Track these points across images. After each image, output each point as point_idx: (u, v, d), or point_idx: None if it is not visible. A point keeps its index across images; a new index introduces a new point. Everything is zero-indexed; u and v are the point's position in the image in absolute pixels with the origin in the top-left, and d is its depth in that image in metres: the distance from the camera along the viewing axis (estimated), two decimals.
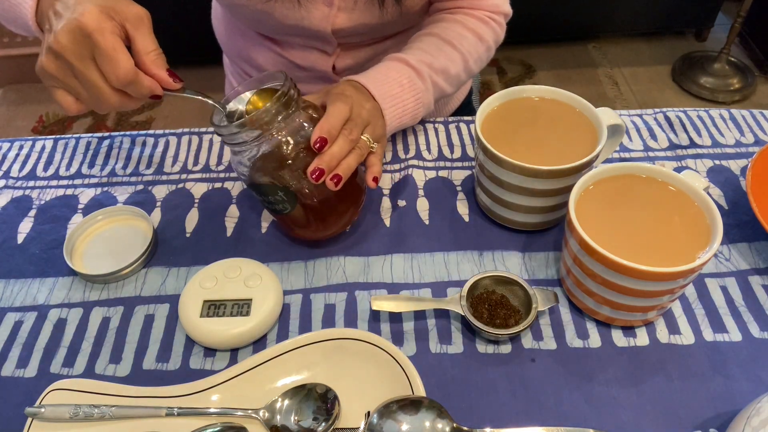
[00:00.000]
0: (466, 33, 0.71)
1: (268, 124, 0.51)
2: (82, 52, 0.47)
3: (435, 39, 0.70)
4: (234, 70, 0.88)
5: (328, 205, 0.56)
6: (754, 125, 0.74)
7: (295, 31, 0.73)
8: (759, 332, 0.54)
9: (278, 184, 0.53)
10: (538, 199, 0.57)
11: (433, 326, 0.55)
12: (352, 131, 0.56)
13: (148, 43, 0.49)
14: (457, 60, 0.70)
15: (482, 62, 0.74)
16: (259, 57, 0.80)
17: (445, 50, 0.69)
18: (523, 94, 0.63)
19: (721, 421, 0.48)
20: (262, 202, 0.58)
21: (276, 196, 0.54)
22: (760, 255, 0.60)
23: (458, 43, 0.70)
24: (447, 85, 0.70)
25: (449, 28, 0.71)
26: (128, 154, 0.73)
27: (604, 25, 2.18)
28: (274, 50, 0.78)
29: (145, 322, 0.56)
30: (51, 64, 0.48)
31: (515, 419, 0.48)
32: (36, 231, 0.64)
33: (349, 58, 0.78)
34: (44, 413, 0.47)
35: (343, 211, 0.58)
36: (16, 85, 2.15)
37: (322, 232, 0.59)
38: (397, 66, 0.65)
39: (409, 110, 0.66)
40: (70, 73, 0.49)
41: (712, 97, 2.01)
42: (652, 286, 0.48)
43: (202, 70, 2.14)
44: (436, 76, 0.68)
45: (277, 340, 0.54)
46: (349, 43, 0.76)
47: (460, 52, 0.70)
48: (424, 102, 0.67)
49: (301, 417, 0.47)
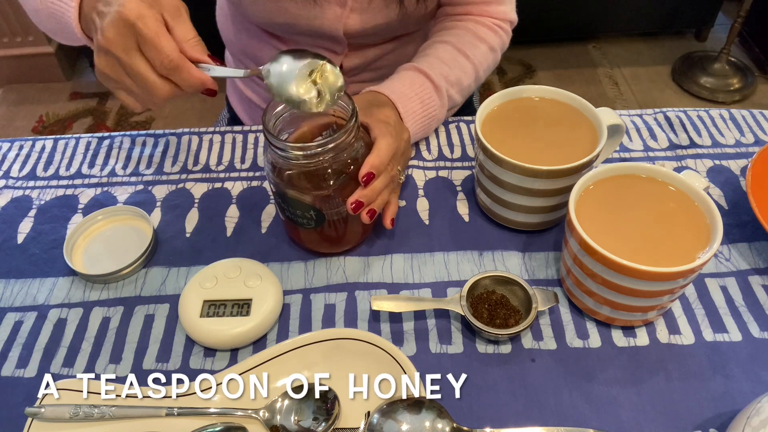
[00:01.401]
0: (479, 43, 0.72)
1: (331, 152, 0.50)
2: (127, 44, 0.48)
3: (451, 48, 0.71)
4: (237, 67, 0.88)
5: (351, 227, 0.57)
6: (754, 125, 0.74)
7: (306, 30, 0.72)
8: (759, 332, 0.54)
9: (313, 205, 0.53)
10: (538, 199, 0.57)
11: (433, 326, 0.55)
12: (394, 167, 0.57)
13: (187, 30, 0.50)
14: (470, 71, 0.71)
15: (490, 71, 0.76)
16: (264, 55, 0.80)
17: (459, 61, 0.70)
18: (523, 94, 0.63)
19: (721, 421, 0.48)
20: (281, 209, 0.57)
21: (307, 213, 0.54)
22: (760, 255, 0.60)
23: (471, 53, 0.71)
24: (459, 96, 0.71)
25: (463, 37, 0.72)
26: (128, 154, 0.73)
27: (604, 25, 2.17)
28: (279, 48, 0.78)
29: (145, 322, 0.56)
30: (102, 62, 0.50)
31: (515, 419, 0.48)
32: (36, 231, 0.64)
33: (357, 57, 0.78)
34: (44, 413, 0.47)
35: (362, 231, 0.60)
36: (16, 85, 2.15)
37: (333, 249, 0.60)
38: (420, 80, 0.67)
39: (425, 127, 0.68)
40: (122, 70, 0.50)
41: (712, 97, 2.01)
42: (652, 286, 0.48)
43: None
44: (452, 89, 0.69)
45: (277, 340, 0.54)
46: (358, 44, 0.76)
47: (472, 63, 0.71)
48: (438, 118, 0.69)
49: (301, 417, 0.47)
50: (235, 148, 0.73)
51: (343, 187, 0.53)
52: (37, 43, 2.05)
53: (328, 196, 0.53)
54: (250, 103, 0.89)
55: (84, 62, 2.19)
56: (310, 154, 0.50)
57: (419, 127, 0.66)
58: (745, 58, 2.16)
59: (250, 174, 0.69)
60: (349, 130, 0.50)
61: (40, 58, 2.08)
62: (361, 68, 0.79)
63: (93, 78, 2.15)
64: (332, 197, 0.53)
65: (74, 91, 2.12)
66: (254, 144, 0.73)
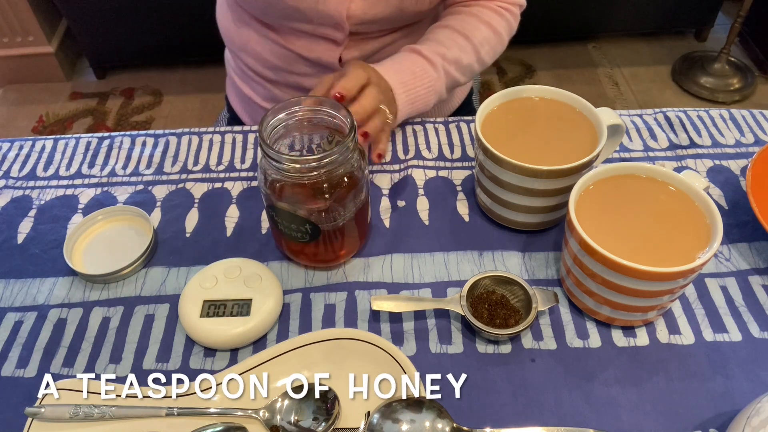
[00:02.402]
0: (480, 25, 0.73)
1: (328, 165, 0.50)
2: None
3: (448, 31, 0.72)
4: (237, 65, 0.88)
5: (345, 240, 0.57)
6: (754, 125, 0.74)
7: (307, 15, 0.72)
8: (759, 332, 0.54)
9: (309, 220, 0.53)
10: (538, 199, 0.57)
11: (433, 326, 0.55)
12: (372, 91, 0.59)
13: None
14: (470, 50, 0.72)
15: (495, 53, 0.76)
16: (263, 50, 0.79)
17: (458, 41, 0.71)
18: (523, 94, 0.63)
19: (721, 421, 0.48)
20: (275, 222, 0.56)
21: (301, 227, 0.53)
22: (760, 255, 0.60)
23: (471, 34, 0.72)
24: (460, 74, 0.72)
25: (464, 21, 0.73)
26: (128, 154, 0.73)
27: (604, 25, 2.17)
28: (279, 42, 0.78)
29: (145, 322, 0.56)
30: None
31: (515, 419, 0.48)
32: (36, 231, 0.64)
33: (355, 50, 0.78)
34: (44, 413, 0.47)
35: (353, 244, 0.59)
36: (16, 85, 2.15)
37: (325, 263, 0.59)
38: (410, 56, 0.68)
39: (420, 97, 0.68)
40: None
41: (712, 97, 2.01)
42: (652, 286, 0.48)
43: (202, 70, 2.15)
44: (449, 66, 0.70)
45: (277, 340, 0.54)
46: (359, 33, 0.76)
47: (472, 43, 0.72)
48: (436, 89, 0.69)
49: (301, 417, 0.47)
50: (235, 148, 0.73)
51: (339, 200, 0.53)
52: (37, 43, 2.05)
53: (325, 213, 0.53)
54: (248, 101, 0.89)
55: (84, 62, 2.19)
56: (306, 167, 0.49)
57: (411, 96, 0.67)
58: (745, 58, 2.16)
59: (250, 174, 0.69)
60: (347, 143, 0.50)
61: (40, 58, 2.08)
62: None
63: (93, 78, 2.16)
64: (329, 212, 0.53)
65: (74, 91, 2.12)
66: (254, 144, 0.73)
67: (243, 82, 0.88)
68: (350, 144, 0.50)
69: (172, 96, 2.08)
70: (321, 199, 0.52)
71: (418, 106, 0.68)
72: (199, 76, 2.14)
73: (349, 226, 0.55)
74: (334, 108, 0.53)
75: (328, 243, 0.56)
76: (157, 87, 2.12)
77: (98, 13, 1.90)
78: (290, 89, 0.83)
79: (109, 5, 1.89)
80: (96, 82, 2.15)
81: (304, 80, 0.81)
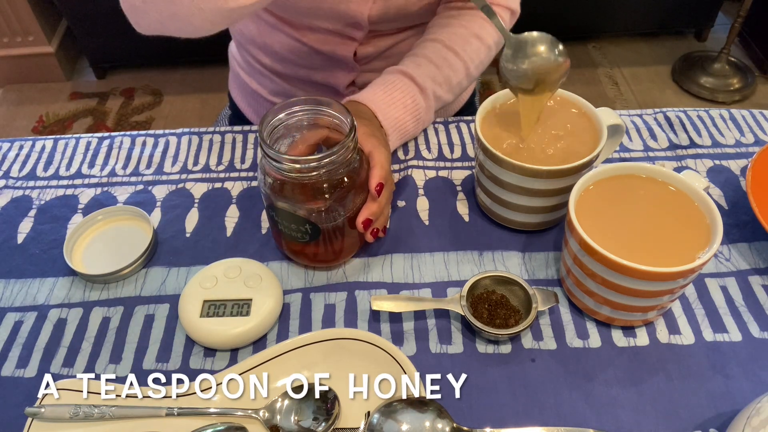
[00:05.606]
0: (471, 39, 0.72)
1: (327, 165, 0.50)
2: None
3: (440, 46, 0.71)
4: (243, 59, 0.87)
5: (345, 240, 0.57)
6: (754, 125, 0.74)
7: (328, 14, 0.72)
8: (759, 332, 0.54)
9: (309, 220, 0.53)
10: (538, 199, 0.57)
11: (433, 326, 0.55)
12: (389, 187, 0.58)
13: None
14: (460, 68, 0.71)
15: (483, 66, 0.75)
16: (275, 43, 0.79)
17: (449, 59, 0.70)
18: None
19: (721, 421, 0.48)
20: (275, 222, 0.56)
21: (302, 227, 0.53)
22: (760, 255, 0.60)
23: (461, 49, 0.71)
24: (449, 94, 0.71)
25: (454, 35, 0.72)
26: (128, 154, 0.73)
27: (604, 25, 2.18)
28: (293, 36, 0.77)
29: (145, 322, 0.56)
30: None
31: (515, 419, 0.48)
32: (36, 231, 0.64)
33: (371, 46, 0.78)
34: (44, 413, 0.47)
35: (353, 244, 0.59)
36: (16, 85, 2.15)
37: (325, 263, 0.59)
38: (403, 84, 0.67)
39: (409, 132, 0.69)
40: None
41: (712, 97, 2.01)
42: (652, 286, 0.48)
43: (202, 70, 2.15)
44: (439, 88, 0.69)
45: (277, 340, 0.54)
46: (377, 31, 0.76)
47: (462, 59, 0.71)
48: (424, 120, 0.70)
49: (301, 417, 0.47)
50: (235, 148, 0.73)
51: (339, 202, 0.53)
52: (37, 43, 2.05)
53: (326, 213, 0.53)
54: (255, 95, 0.88)
55: (84, 62, 2.19)
56: (306, 167, 0.49)
57: (401, 134, 0.68)
58: (745, 58, 2.16)
59: (250, 174, 0.69)
60: (348, 144, 0.50)
61: (40, 58, 2.08)
62: (372, 57, 0.79)
63: (93, 78, 2.16)
64: (330, 211, 0.53)
65: (74, 91, 2.12)
66: (254, 144, 0.73)
67: (249, 76, 0.87)
68: (350, 144, 0.50)
69: (172, 96, 2.08)
70: (321, 199, 0.52)
71: (404, 140, 0.69)
72: (199, 76, 2.14)
73: (349, 226, 0.55)
74: (335, 108, 0.53)
75: (328, 243, 0.56)
76: (157, 87, 2.12)
77: (98, 13, 1.90)
78: (300, 82, 0.82)
79: (109, 5, 1.87)
80: (96, 82, 2.15)
81: (315, 74, 0.80)
